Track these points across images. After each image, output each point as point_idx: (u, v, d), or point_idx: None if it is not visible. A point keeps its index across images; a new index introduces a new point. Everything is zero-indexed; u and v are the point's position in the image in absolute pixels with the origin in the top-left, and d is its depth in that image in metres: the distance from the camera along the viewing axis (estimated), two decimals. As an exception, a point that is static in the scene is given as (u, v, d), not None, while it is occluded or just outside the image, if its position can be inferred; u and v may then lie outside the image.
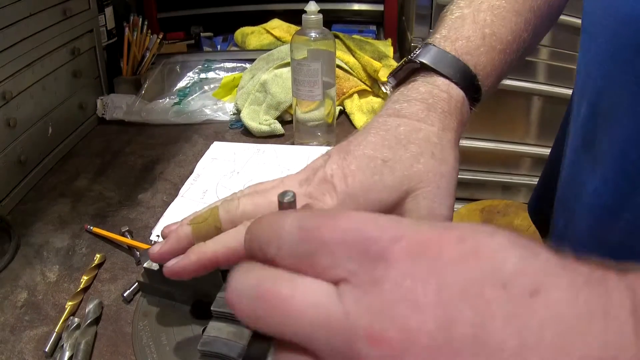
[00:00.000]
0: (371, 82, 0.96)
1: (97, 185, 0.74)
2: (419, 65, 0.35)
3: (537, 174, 1.40)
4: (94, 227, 0.63)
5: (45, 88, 0.78)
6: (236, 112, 0.92)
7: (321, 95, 0.76)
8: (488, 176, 1.41)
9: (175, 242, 0.33)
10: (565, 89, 1.25)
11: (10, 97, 0.68)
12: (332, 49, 0.75)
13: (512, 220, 1.21)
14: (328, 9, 0.93)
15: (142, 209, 0.68)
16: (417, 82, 0.35)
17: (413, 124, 0.32)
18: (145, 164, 0.79)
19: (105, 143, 0.87)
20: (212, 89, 1.00)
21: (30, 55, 0.73)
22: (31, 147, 0.74)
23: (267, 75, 0.89)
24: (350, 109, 0.91)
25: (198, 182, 0.72)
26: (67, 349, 0.45)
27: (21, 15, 0.70)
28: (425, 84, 0.34)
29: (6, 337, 0.48)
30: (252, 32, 1.21)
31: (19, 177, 0.72)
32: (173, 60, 1.09)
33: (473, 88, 0.35)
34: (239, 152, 0.79)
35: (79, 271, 0.57)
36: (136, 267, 0.57)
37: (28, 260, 0.59)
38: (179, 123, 0.91)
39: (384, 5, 1.27)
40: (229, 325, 0.38)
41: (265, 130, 0.85)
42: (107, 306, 0.52)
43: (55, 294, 0.54)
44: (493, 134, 1.35)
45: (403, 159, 0.31)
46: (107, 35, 0.98)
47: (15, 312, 0.51)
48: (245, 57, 1.11)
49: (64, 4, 0.80)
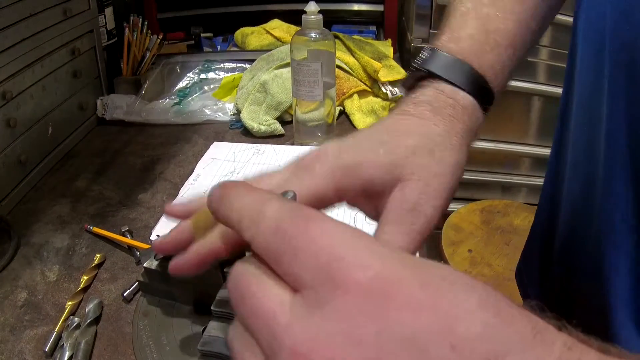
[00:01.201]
0: (371, 82, 0.96)
1: (97, 185, 0.74)
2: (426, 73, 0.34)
3: (537, 174, 1.40)
4: (94, 227, 0.63)
5: (45, 88, 0.78)
6: (236, 112, 0.92)
7: (321, 96, 0.76)
8: (488, 176, 1.41)
9: (177, 234, 0.33)
10: (565, 89, 1.25)
11: (10, 97, 0.68)
12: (332, 49, 0.75)
13: (512, 220, 1.21)
14: (328, 9, 0.93)
15: (142, 209, 0.68)
16: (424, 87, 0.34)
17: (417, 120, 0.32)
18: (145, 164, 0.79)
19: (105, 143, 0.87)
20: (212, 89, 1.00)
21: (31, 55, 0.73)
22: (31, 147, 0.74)
23: (267, 76, 0.89)
24: (350, 109, 0.91)
25: (198, 182, 0.72)
26: (67, 349, 0.45)
27: (21, 16, 0.70)
28: (432, 89, 0.34)
29: (6, 337, 0.48)
30: (252, 33, 1.21)
31: (19, 177, 0.72)
32: (173, 61, 1.09)
33: (482, 91, 0.34)
34: (238, 153, 0.79)
35: (79, 271, 0.57)
36: (136, 267, 0.57)
37: (28, 260, 0.59)
38: (179, 123, 0.91)
39: (383, 5, 1.27)
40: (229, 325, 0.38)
41: (265, 131, 0.85)
42: (107, 306, 0.52)
43: (55, 293, 0.54)
44: (493, 134, 1.35)
45: (401, 146, 0.31)
46: (107, 35, 0.98)
47: (15, 312, 0.51)
48: (245, 57, 1.11)
49: (64, 4, 0.80)
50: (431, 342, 0.16)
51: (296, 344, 0.17)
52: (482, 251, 1.10)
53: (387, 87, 0.94)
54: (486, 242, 1.14)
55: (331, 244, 0.19)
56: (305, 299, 0.18)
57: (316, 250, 0.19)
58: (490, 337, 0.16)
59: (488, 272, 1.04)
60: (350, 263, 0.18)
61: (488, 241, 1.14)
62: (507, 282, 1.02)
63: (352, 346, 0.17)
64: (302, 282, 0.19)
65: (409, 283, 0.18)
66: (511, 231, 1.18)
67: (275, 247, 0.20)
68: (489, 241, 1.14)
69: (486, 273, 1.03)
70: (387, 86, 0.94)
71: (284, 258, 0.19)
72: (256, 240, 0.20)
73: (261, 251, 0.20)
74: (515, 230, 1.18)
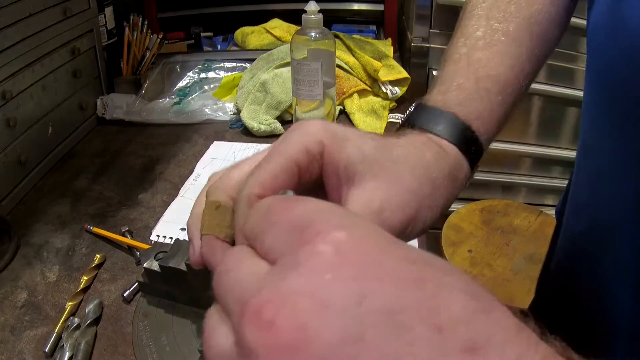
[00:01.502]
0: (371, 81, 0.96)
1: (97, 185, 0.74)
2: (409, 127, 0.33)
3: (537, 174, 1.40)
4: (94, 227, 0.63)
5: (45, 88, 0.78)
6: (236, 111, 0.92)
7: (321, 95, 0.76)
8: (488, 176, 1.41)
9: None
10: (566, 89, 1.25)
11: (10, 97, 0.68)
12: (332, 48, 0.75)
13: (512, 220, 1.21)
14: (328, 8, 0.93)
15: (142, 209, 0.68)
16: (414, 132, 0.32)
17: (408, 140, 0.31)
18: (145, 164, 0.79)
19: (105, 143, 0.87)
20: (212, 88, 1.00)
21: (30, 55, 0.73)
22: (31, 147, 0.74)
23: (267, 75, 0.89)
24: (350, 109, 0.91)
25: (198, 182, 0.72)
26: (67, 349, 0.45)
27: (21, 15, 0.70)
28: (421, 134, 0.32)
29: (6, 337, 0.48)
30: (252, 32, 1.21)
31: (19, 177, 0.72)
32: (173, 60, 1.09)
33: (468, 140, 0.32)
34: (239, 152, 0.79)
35: (79, 271, 0.57)
36: (136, 267, 0.57)
37: (28, 260, 0.59)
38: (179, 123, 0.91)
39: (384, 5, 1.27)
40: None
41: (265, 130, 0.85)
42: (107, 306, 0.52)
43: (55, 294, 0.54)
44: (493, 133, 1.35)
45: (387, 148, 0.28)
46: (107, 35, 0.98)
47: (15, 312, 0.51)
48: (245, 57, 1.11)
49: (64, 4, 0.80)
50: (416, 321, 0.15)
51: (262, 302, 0.16)
52: (482, 251, 1.10)
53: (387, 86, 0.94)
54: (486, 242, 1.14)
55: (305, 212, 0.18)
56: (279, 266, 0.17)
57: (291, 219, 0.18)
58: (474, 324, 0.15)
59: (488, 273, 1.04)
60: (326, 224, 0.17)
61: (488, 241, 1.14)
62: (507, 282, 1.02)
63: (326, 309, 0.15)
64: (278, 252, 0.18)
65: (391, 253, 0.16)
66: (511, 231, 1.18)
67: (258, 228, 0.20)
68: (489, 241, 1.14)
69: (486, 273, 1.03)
70: (387, 85, 0.94)
71: (264, 235, 0.19)
72: (245, 226, 0.21)
73: (247, 235, 0.21)
74: (515, 230, 1.18)
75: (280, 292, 0.16)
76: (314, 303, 0.15)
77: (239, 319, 0.16)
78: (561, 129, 1.32)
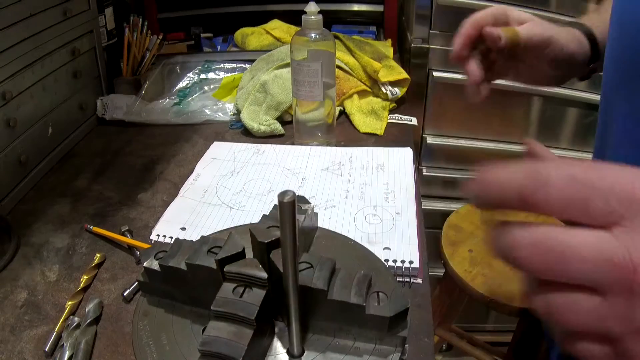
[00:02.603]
0: (371, 82, 0.96)
1: (97, 185, 0.74)
2: None
3: (537, 175, 1.40)
4: (94, 227, 0.63)
5: (45, 88, 0.78)
6: (236, 112, 0.92)
7: (321, 96, 0.76)
8: (488, 176, 1.41)
9: None
10: (565, 89, 1.25)
11: (10, 97, 0.69)
12: (332, 49, 0.75)
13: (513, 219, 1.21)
14: (328, 9, 0.93)
15: (142, 209, 0.68)
16: None
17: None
18: (145, 164, 0.79)
19: (105, 143, 0.87)
20: (212, 89, 1.00)
21: (31, 55, 0.73)
22: (31, 147, 0.74)
23: (267, 76, 0.89)
24: (350, 109, 0.91)
25: (198, 182, 0.72)
26: (67, 349, 0.45)
27: (21, 16, 0.70)
28: None
29: (6, 337, 0.48)
30: (252, 33, 1.21)
31: (19, 177, 0.72)
32: (173, 61, 1.10)
33: (591, 36, 0.58)
34: (238, 152, 0.79)
35: (79, 271, 0.57)
36: (136, 266, 0.57)
37: (28, 260, 0.59)
38: (179, 123, 0.91)
39: (383, 5, 1.27)
40: (229, 325, 0.38)
41: (265, 131, 0.85)
42: (107, 306, 0.52)
43: (55, 293, 0.54)
44: (493, 134, 1.35)
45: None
46: (107, 35, 0.98)
47: (15, 312, 0.51)
48: (245, 57, 1.11)
49: (64, 5, 0.80)
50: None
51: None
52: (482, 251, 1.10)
53: (387, 87, 0.94)
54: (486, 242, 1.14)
55: (623, 178, 0.21)
56: (627, 227, 0.21)
57: (612, 185, 0.21)
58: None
59: (488, 272, 1.04)
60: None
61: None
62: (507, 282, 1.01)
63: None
64: (616, 216, 0.21)
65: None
66: (511, 231, 1.17)
67: (576, 195, 0.21)
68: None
69: (486, 273, 1.03)
70: (387, 86, 0.94)
71: (590, 201, 0.21)
72: (551, 196, 0.22)
73: (560, 205, 0.22)
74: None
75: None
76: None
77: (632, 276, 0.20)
78: (561, 129, 1.32)
